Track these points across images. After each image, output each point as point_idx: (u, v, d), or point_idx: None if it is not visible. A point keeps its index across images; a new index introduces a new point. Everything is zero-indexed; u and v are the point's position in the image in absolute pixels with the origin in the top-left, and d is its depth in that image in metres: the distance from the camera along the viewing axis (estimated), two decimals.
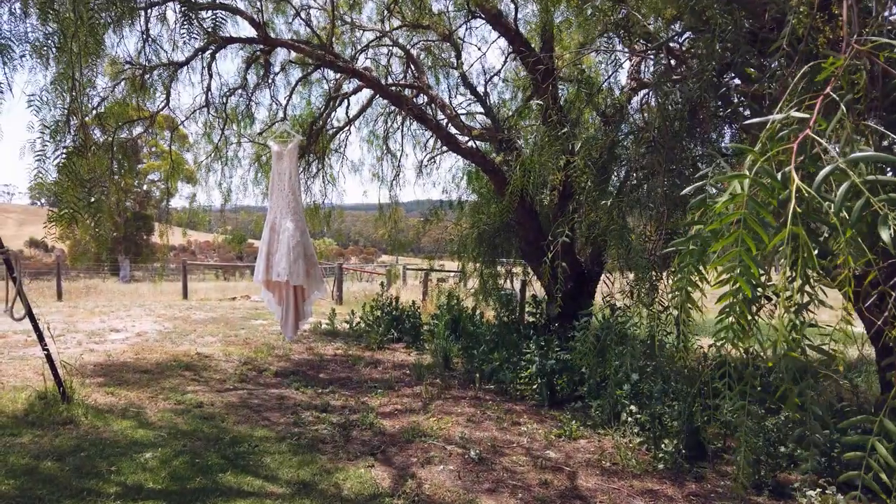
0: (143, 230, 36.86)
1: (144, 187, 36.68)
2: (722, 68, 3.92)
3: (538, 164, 3.73)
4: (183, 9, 4.90)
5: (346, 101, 9.85)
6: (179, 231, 12.62)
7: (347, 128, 10.30)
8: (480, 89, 9.20)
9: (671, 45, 6.43)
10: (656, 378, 5.87)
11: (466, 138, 8.36)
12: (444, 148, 9.79)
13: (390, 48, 10.04)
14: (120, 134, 7.76)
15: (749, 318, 1.25)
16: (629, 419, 5.58)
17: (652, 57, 7.64)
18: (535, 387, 6.72)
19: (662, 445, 5.02)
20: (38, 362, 6.01)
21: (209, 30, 4.96)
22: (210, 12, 4.83)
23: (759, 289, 1.26)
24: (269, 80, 8.64)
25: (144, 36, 6.42)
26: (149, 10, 6.31)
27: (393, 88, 8.59)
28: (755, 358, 5.56)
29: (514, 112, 9.23)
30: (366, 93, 10.21)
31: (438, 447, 5.01)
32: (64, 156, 3.49)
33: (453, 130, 8.42)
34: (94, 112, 6.31)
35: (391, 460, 4.70)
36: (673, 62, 6.88)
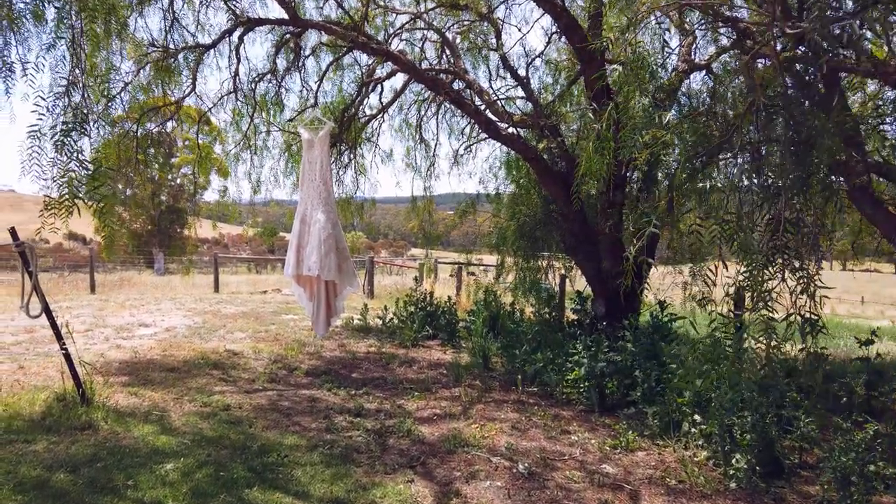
0: (176, 223, 37.14)
1: (178, 180, 36.93)
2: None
3: (611, 143, 3.24)
4: None
5: (378, 86, 9.43)
6: (211, 224, 12.42)
7: (381, 115, 9.89)
8: (521, 72, 8.69)
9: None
10: (721, 384, 5.34)
11: (506, 125, 7.87)
12: (483, 135, 9.32)
13: (425, 32, 9.59)
14: (146, 122, 7.47)
15: None
16: (692, 430, 5.06)
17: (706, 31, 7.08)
18: (582, 390, 6.23)
19: (734, 461, 4.50)
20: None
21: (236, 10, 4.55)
22: None
23: None
24: (300, 64, 8.26)
25: (170, 16, 6.07)
26: None
27: (428, 73, 8.13)
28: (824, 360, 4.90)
29: (555, 96, 8.70)
30: (399, 79, 9.80)
31: (483, 459, 4.57)
32: (62, 133, 3.09)
33: (492, 117, 7.93)
34: (115, 95, 5.98)
35: (432, 474, 4.28)
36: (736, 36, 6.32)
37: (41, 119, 3.04)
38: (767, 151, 2.81)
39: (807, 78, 5.08)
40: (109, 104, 5.85)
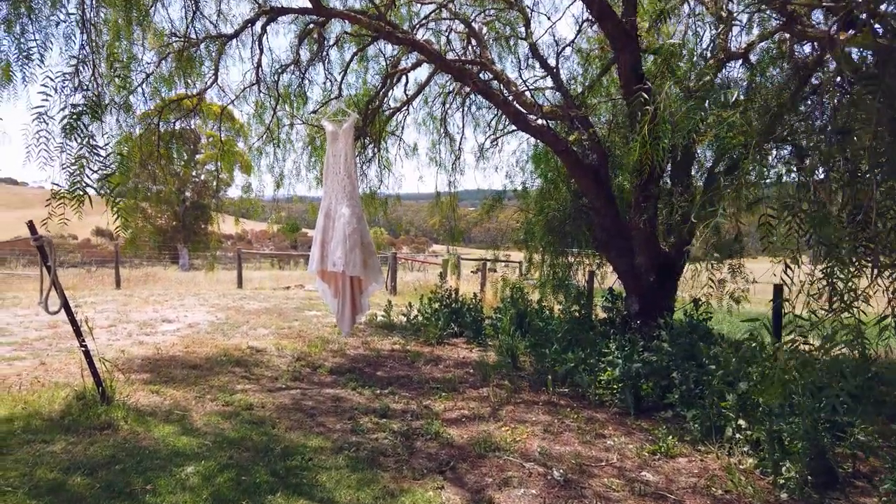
0: (201, 219, 37.36)
1: (202, 177, 37.13)
2: None
3: (668, 125, 2.96)
4: None
5: (403, 77, 9.22)
6: (234, 220, 12.38)
7: (405, 108, 9.68)
8: (551, 62, 8.40)
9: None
10: (764, 387, 5.04)
11: (535, 116, 7.61)
12: (509, 128, 9.09)
13: (450, 22, 9.35)
14: (168, 115, 7.34)
15: None
16: (736, 435, 4.77)
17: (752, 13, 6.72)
18: (616, 392, 5.97)
19: (783, 470, 4.21)
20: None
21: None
22: None
23: None
24: (323, 55, 8.07)
25: (192, 4, 5.91)
26: None
27: (455, 63, 7.90)
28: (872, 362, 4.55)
29: (585, 87, 8.41)
30: (424, 71, 9.59)
31: (516, 464, 4.34)
32: (72, 116, 2.89)
33: (520, 108, 7.67)
34: (137, 86, 5.84)
35: (462, 480, 4.06)
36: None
37: (47, 100, 2.86)
38: (854, 133, 2.54)
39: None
40: (130, 95, 5.72)
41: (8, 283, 15.78)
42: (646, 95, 2.86)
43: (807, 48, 6.66)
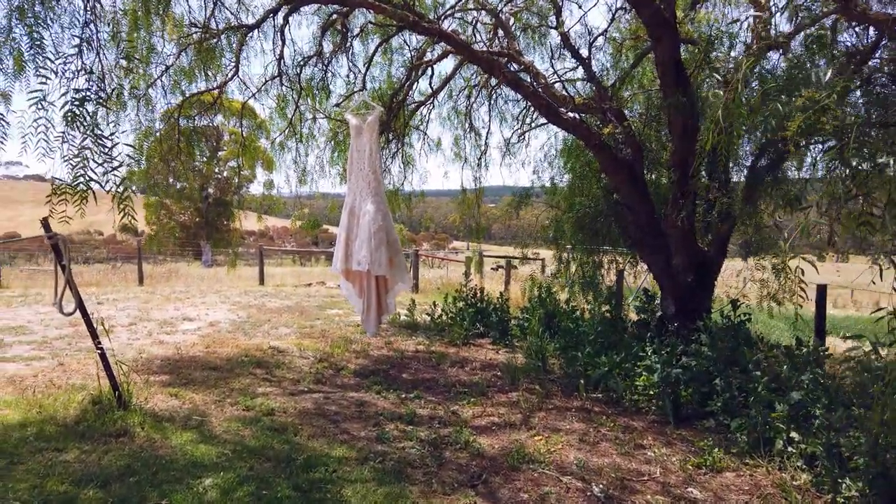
0: (223, 216, 37.49)
1: (225, 174, 37.26)
2: None
3: (742, 110, 2.66)
4: None
5: (429, 70, 8.95)
6: (256, 217, 12.26)
7: (430, 101, 9.41)
8: (583, 52, 8.06)
9: None
10: (819, 395, 4.71)
11: (566, 109, 7.29)
12: (539, 121, 8.77)
13: (476, 13, 9.06)
14: (189, 109, 7.17)
15: None
16: (788, 448, 4.45)
17: None
18: (653, 398, 5.66)
19: (843, 488, 3.89)
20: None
21: None
22: None
23: None
24: (347, 45, 7.83)
25: None
26: None
27: (483, 54, 7.61)
28: None
29: (618, 78, 8.06)
30: (448, 64, 9.33)
31: (552, 478, 4.07)
32: (74, 102, 2.64)
33: (551, 101, 7.36)
34: (157, 78, 5.65)
35: (496, 495, 3.80)
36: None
37: (46, 83, 2.62)
38: None
39: None
40: (149, 88, 5.54)
41: (33, 279, 15.83)
42: (718, 76, 2.57)
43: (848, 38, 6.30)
